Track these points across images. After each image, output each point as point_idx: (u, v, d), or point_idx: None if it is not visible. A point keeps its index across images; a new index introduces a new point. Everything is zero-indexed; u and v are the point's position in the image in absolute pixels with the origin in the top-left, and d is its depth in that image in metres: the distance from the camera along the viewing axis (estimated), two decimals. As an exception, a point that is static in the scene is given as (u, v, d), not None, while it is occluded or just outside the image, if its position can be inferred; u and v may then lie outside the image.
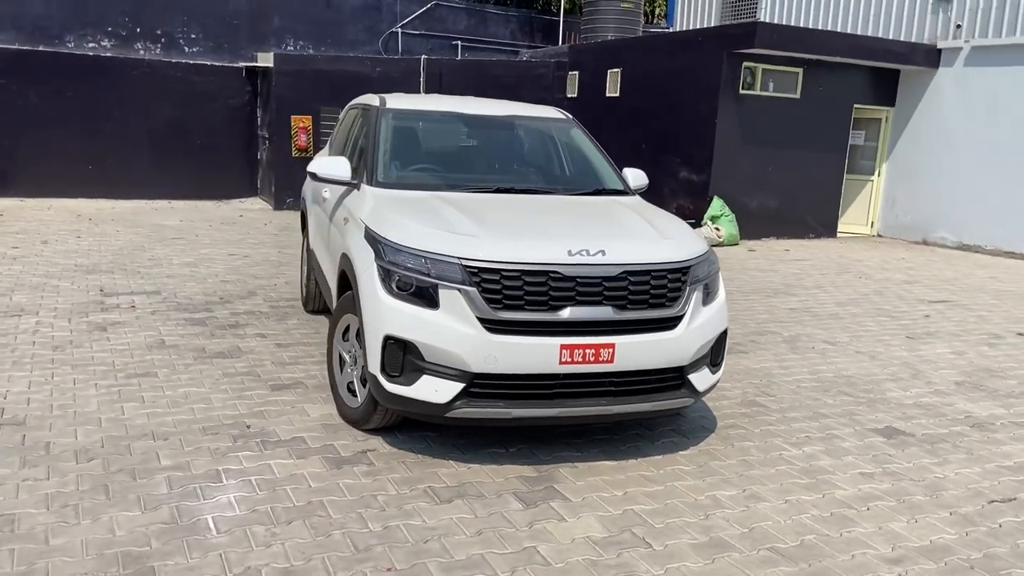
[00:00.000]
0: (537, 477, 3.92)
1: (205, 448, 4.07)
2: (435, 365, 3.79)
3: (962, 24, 13.58)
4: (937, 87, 13.95)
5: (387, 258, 3.94)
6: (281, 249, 10.21)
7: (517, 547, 3.25)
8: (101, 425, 4.31)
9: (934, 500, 3.89)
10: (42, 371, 5.12)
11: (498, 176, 5.27)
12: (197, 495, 3.57)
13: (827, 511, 3.71)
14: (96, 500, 3.48)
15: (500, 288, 3.75)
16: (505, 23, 18.20)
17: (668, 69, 13.49)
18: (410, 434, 4.34)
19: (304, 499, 3.58)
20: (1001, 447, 4.63)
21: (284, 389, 5.01)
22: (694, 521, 3.55)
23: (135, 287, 7.59)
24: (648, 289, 3.91)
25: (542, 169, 5.48)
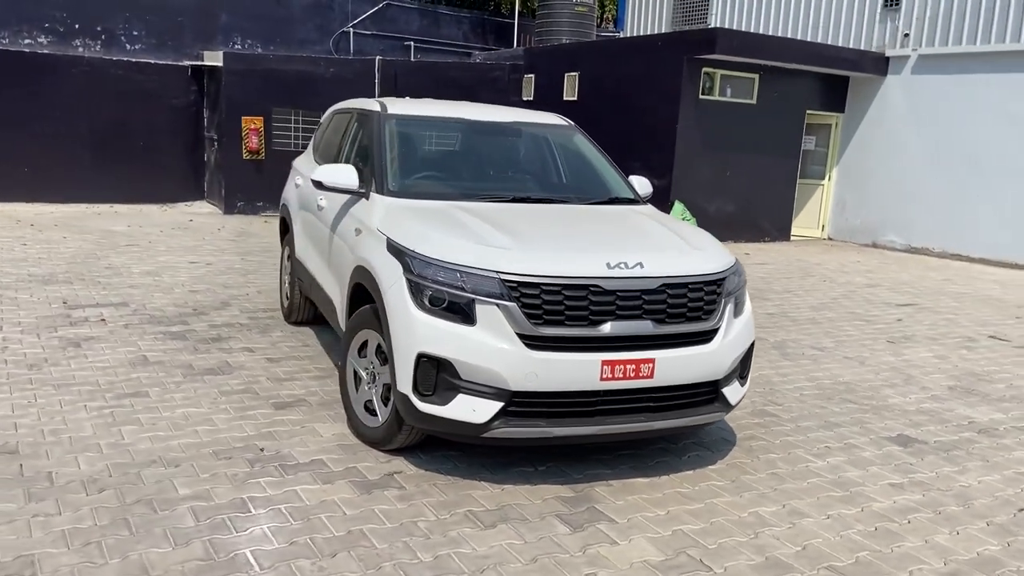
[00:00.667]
0: (575, 497, 3.81)
1: (222, 474, 3.84)
2: (472, 383, 3.64)
3: (909, 33, 13.97)
4: (885, 94, 14.32)
5: (417, 272, 3.78)
6: (244, 256, 9.87)
7: (578, 574, 3.13)
8: (102, 451, 4.03)
9: (967, 510, 3.91)
10: (22, 392, 4.78)
11: (511, 185, 5.14)
12: (228, 527, 3.35)
13: (871, 525, 3.69)
14: (119, 536, 3.24)
15: (540, 303, 3.63)
16: (457, 24, 18.03)
17: (628, 74, 13.52)
18: (433, 454, 4.18)
19: (343, 528, 3.40)
20: (1012, 453, 4.70)
21: (287, 408, 4.79)
22: (745, 540, 3.48)
23: (99, 299, 7.20)
24: (686, 302, 3.84)
25: (553, 177, 5.37)
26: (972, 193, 13.30)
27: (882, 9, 14.40)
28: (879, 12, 14.45)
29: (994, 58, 12.97)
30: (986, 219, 13.10)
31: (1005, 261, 12.91)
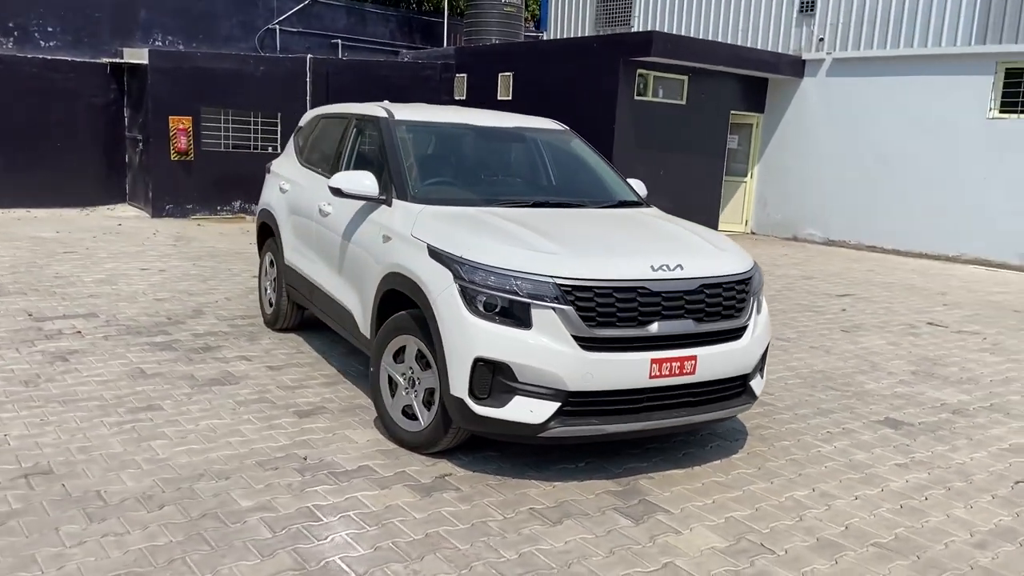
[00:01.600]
0: (624, 491, 3.98)
1: (276, 484, 3.85)
2: (529, 385, 3.77)
3: (824, 38, 14.73)
4: (802, 95, 15.06)
5: (469, 278, 3.87)
6: (195, 263, 9.63)
7: (657, 564, 3.31)
8: (142, 467, 3.97)
9: (971, 485, 4.28)
10: (30, 411, 4.62)
11: (527, 189, 5.28)
12: (306, 536, 3.38)
13: (895, 503, 4.00)
14: (201, 551, 3.22)
15: (594, 306, 3.78)
16: (384, 22, 17.92)
17: (565, 74, 13.78)
18: (474, 455, 4.28)
19: (419, 531, 3.48)
20: (989, 431, 5.14)
21: (311, 415, 4.79)
22: (792, 523, 3.73)
23: (64, 310, 6.94)
24: (721, 301, 4.07)
25: (563, 182, 5.52)
26: (883, 188, 14.16)
27: (798, 14, 15.14)
28: (795, 17, 15.18)
29: (902, 62, 13.85)
30: (895, 212, 13.98)
31: (913, 251, 13.82)
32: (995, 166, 13.01)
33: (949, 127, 13.39)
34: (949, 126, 13.39)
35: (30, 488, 3.68)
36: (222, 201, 14.45)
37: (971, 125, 13.23)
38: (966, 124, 13.27)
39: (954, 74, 13.35)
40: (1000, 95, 13.06)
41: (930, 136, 13.59)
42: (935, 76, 13.54)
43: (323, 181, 5.65)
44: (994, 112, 13.09)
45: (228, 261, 9.84)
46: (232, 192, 14.50)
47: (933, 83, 13.57)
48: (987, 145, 13.06)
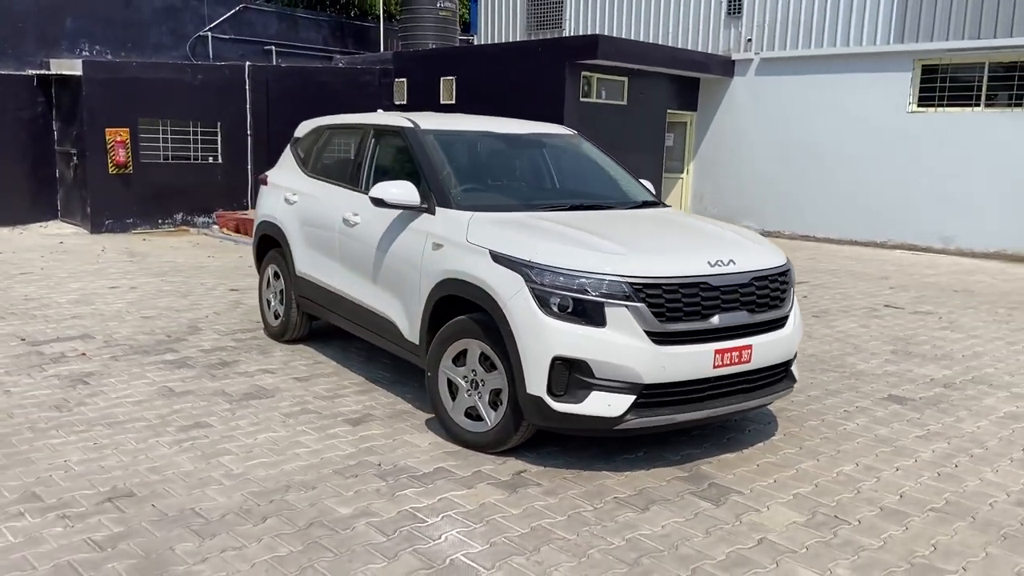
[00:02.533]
0: (691, 476, 4.23)
1: (365, 491, 3.94)
2: (606, 380, 3.97)
3: (752, 39, 15.41)
4: (733, 94, 15.71)
5: (540, 281, 4.04)
6: (162, 278, 9.44)
7: (753, 540, 3.56)
8: (223, 483, 3.99)
9: (988, 451, 4.70)
10: (78, 436, 4.55)
11: (557, 193, 5.47)
12: (420, 537, 3.50)
13: (933, 472, 4.38)
14: (326, 558, 3.31)
15: (663, 302, 4.01)
16: (317, 28, 17.76)
17: (509, 77, 14.00)
18: (537, 451, 4.45)
19: (523, 525, 3.63)
20: (982, 402, 5.62)
21: (361, 423, 4.87)
22: (852, 496, 4.05)
23: (54, 333, 6.76)
24: (768, 292, 4.36)
25: (587, 184, 5.73)
26: (813, 180, 14.92)
27: (726, 16, 15.78)
28: (723, 19, 15.82)
29: (826, 60, 14.63)
30: (825, 203, 14.76)
31: (844, 239, 14.62)
32: (915, 157, 13.89)
33: (872, 121, 14.22)
34: (872, 120, 14.22)
35: (120, 511, 3.67)
36: (163, 214, 14.09)
37: (892, 119, 14.09)
38: (888, 118, 14.12)
39: (875, 71, 14.18)
40: (918, 90, 13.95)
41: (855, 130, 14.40)
42: (858, 73, 14.36)
43: (342, 192, 5.72)
44: (913, 106, 13.97)
45: (196, 276, 9.68)
46: (173, 204, 14.17)
47: (856, 80, 14.38)
48: (907, 137, 13.93)
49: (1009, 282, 10.94)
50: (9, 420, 4.75)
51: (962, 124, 13.52)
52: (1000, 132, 13.17)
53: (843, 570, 3.32)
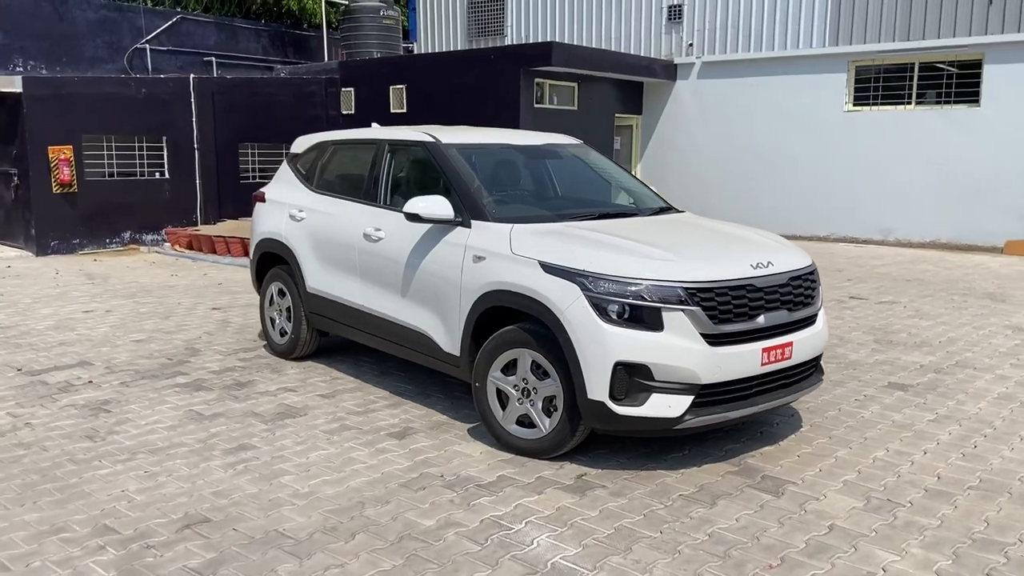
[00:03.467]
0: (741, 470, 4.43)
1: (440, 502, 4.01)
2: (665, 383, 4.13)
3: (693, 43, 15.88)
4: (677, 96, 16.16)
5: (596, 289, 4.17)
6: (133, 299, 9.23)
7: (824, 527, 3.77)
8: (295, 504, 4.00)
9: (998, 431, 5.05)
10: (124, 465, 4.48)
11: (582, 202, 5.61)
12: (513, 544, 3.59)
13: (957, 453, 4.68)
14: (432, 569, 3.38)
15: (715, 304, 4.20)
16: (256, 38, 17.49)
17: (464, 85, 14.09)
18: (588, 454, 4.59)
19: (606, 526, 3.76)
20: (974, 384, 6.00)
21: (407, 436, 4.92)
22: (895, 479, 4.31)
23: (48, 361, 6.57)
24: (803, 291, 4.60)
25: (607, 193, 5.88)
26: (757, 177, 15.47)
27: (667, 22, 16.22)
28: (664, 24, 16.25)
29: (766, 63, 15.20)
30: (770, 199, 15.33)
31: (788, 234, 15.16)
32: (853, 154, 14.55)
33: (811, 120, 14.84)
34: (811, 119, 14.84)
35: (203, 537, 3.65)
36: (110, 233, 13.69)
37: (830, 118, 14.73)
38: (826, 117, 14.76)
39: (813, 73, 14.81)
40: (853, 90, 14.63)
41: (795, 129, 14.99)
42: (796, 75, 14.96)
43: (359, 207, 5.75)
44: (849, 105, 14.64)
45: (169, 296, 9.48)
46: (120, 223, 13.78)
47: (795, 81, 14.98)
48: (845, 135, 14.59)
49: (951, 270, 11.59)
50: (45, 453, 4.63)
51: (895, 121, 14.23)
52: (930, 128, 13.92)
53: (916, 549, 3.56)
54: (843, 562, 3.44)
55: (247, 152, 15.21)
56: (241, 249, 12.66)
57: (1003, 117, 13.25)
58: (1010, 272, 11.53)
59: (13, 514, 3.87)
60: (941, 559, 3.47)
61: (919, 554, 3.51)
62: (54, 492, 4.12)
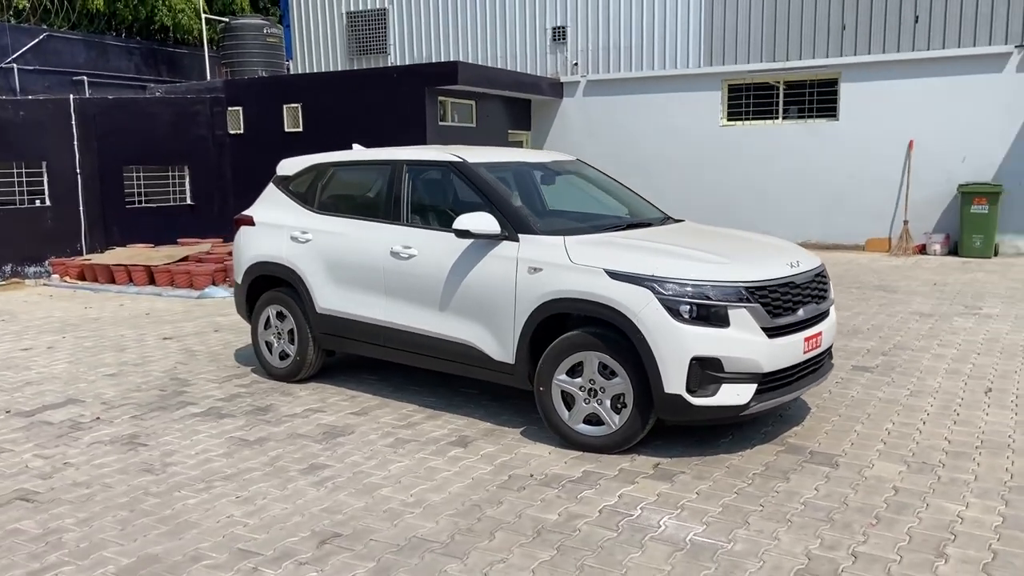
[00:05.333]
0: (788, 448, 4.96)
1: (549, 498, 4.26)
2: (734, 374, 4.60)
3: (578, 62, 16.68)
4: (564, 113, 16.91)
5: (667, 292, 4.58)
6: (66, 335, 8.75)
7: (889, 491, 4.34)
8: (415, 512, 4.14)
9: (967, 400, 5.86)
10: (209, 493, 4.43)
11: (604, 215, 5.98)
12: (644, 527, 3.92)
13: (949, 420, 5.43)
14: (586, 556, 3.65)
15: (769, 300, 4.72)
16: (128, 55, 16.71)
17: (365, 104, 14.15)
18: (648, 445, 4.97)
19: (714, 505, 4.17)
20: (921, 364, 6.87)
21: (468, 444, 5.12)
22: (917, 446, 4.98)
23: (30, 402, 6.26)
24: (822, 286, 5.21)
25: (619, 206, 6.27)
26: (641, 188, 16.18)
27: (552, 42, 16.94)
28: (549, 45, 16.97)
29: (646, 81, 16.21)
30: (662, 210, 16.29)
31: (680, 241, 16.24)
32: (729, 164, 15.79)
33: (691, 134, 15.96)
34: (690, 134, 15.96)
35: (349, 549, 3.75)
36: (-10, 266, 12.72)
37: (707, 132, 15.91)
38: (703, 131, 15.92)
39: (690, 90, 15.94)
40: (727, 107, 15.87)
41: (676, 143, 16.07)
42: (675, 93, 16.05)
43: (379, 227, 5.89)
44: (723, 120, 15.88)
45: (103, 328, 9.05)
46: (1, 255, 12.84)
47: (674, 98, 16.07)
48: (721, 148, 15.81)
49: (832, 267, 12.85)
50: (112, 490, 4.50)
51: (765, 134, 15.58)
52: (794, 140, 15.35)
53: (973, 499, 4.19)
54: (925, 515, 4.01)
55: (132, 175, 14.53)
56: (146, 277, 12.15)
57: (858, 129, 14.83)
58: (880, 266, 12.95)
59: (134, 549, 3.79)
60: (997, 504, 4.11)
61: (978, 503, 4.14)
62: (158, 525, 4.04)
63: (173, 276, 11.91)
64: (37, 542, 3.89)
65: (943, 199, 14.56)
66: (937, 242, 14.50)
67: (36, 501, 4.36)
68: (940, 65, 14.28)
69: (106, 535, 3.95)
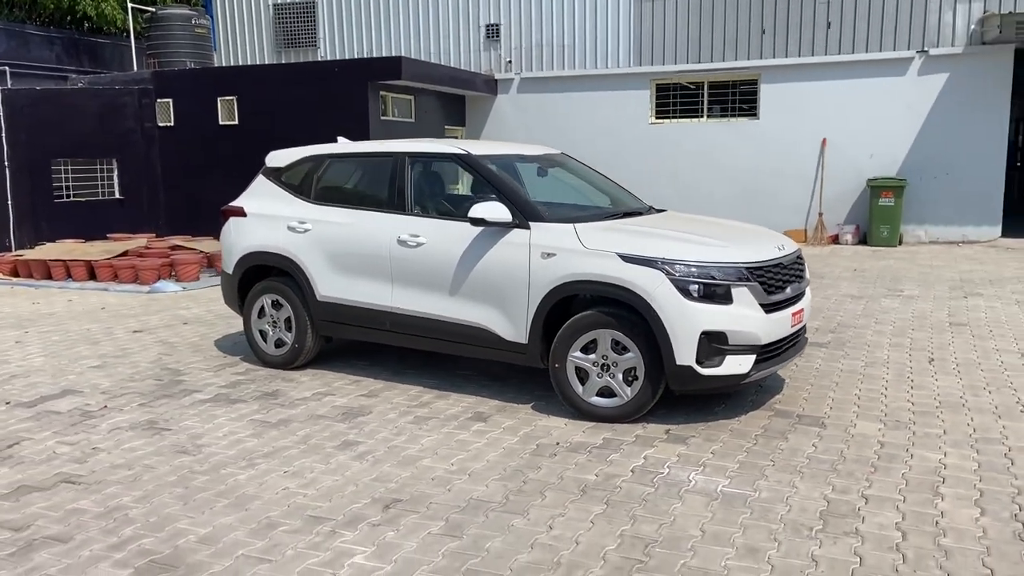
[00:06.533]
0: (778, 413, 5.48)
1: (581, 462, 4.64)
2: (737, 346, 5.09)
3: (512, 60, 17.09)
4: (498, 109, 17.30)
5: (679, 274, 5.04)
6: (24, 329, 8.60)
7: (877, 444, 4.91)
8: (462, 478, 4.45)
9: (916, 368, 6.55)
10: (255, 470, 4.62)
11: (598, 205, 6.39)
12: (677, 482, 4.34)
13: (906, 385, 6.08)
14: (636, 508, 4.04)
15: (765, 279, 5.23)
16: (49, 45, 16.15)
17: (305, 98, 14.17)
18: (654, 416, 5.41)
19: (731, 462, 4.63)
20: (865, 339, 7.57)
21: (487, 419, 5.43)
22: (887, 407, 5.58)
23: (24, 394, 6.23)
24: (801, 267, 5.77)
25: (608, 196, 6.68)
26: (580, 185, 16.95)
27: (485, 39, 17.28)
28: (483, 42, 17.31)
29: (579, 80, 16.76)
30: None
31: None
32: (658, 160, 16.49)
33: (621, 132, 16.59)
34: (621, 131, 16.59)
35: (414, 512, 4.03)
36: (-87, 262, 12.19)
37: (637, 129, 16.58)
38: (633, 129, 16.58)
39: (620, 89, 16.58)
40: (655, 105, 16.57)
41: (608, 139, 16.67)
42: (606, 91, 16.65)
43: (383, 216, 6.13)
44: (652, 118, 16.57)
45: (62, 324, 8.92)
46: (-75, 250, 12.33)
47: (605, 97, 16.67)
48: (650, 144, 16.50)
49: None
50: (156, 471, 4.63)
51: (691, 132, 16.35)
52: (718, 137, 16.18)
53: (949, 448, 4.79)
54: (913, 464, 4.59)
55: (60, 169, 14.13)
56: (86, 272, 11.91)
57: (776, 128, 15.76)
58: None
59: (205, 520, 3.98)
60: (971, 453, 4.73)
61: (954, 452, 4.75)
62: (218, 499, 4.22)
63: (116, 271, 11.70)
64: (104, 519, 4.01)
65: (853, 193, 15.62)
66: (849, 232, 15.55)
67: (82, 483, 4.45)
68: (850, 68, 15.31)
69: (171, 510, 4.10)
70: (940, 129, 14.85)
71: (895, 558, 3.51)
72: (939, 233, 15.21)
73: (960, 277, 11.12)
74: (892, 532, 3.75)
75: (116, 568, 3.52)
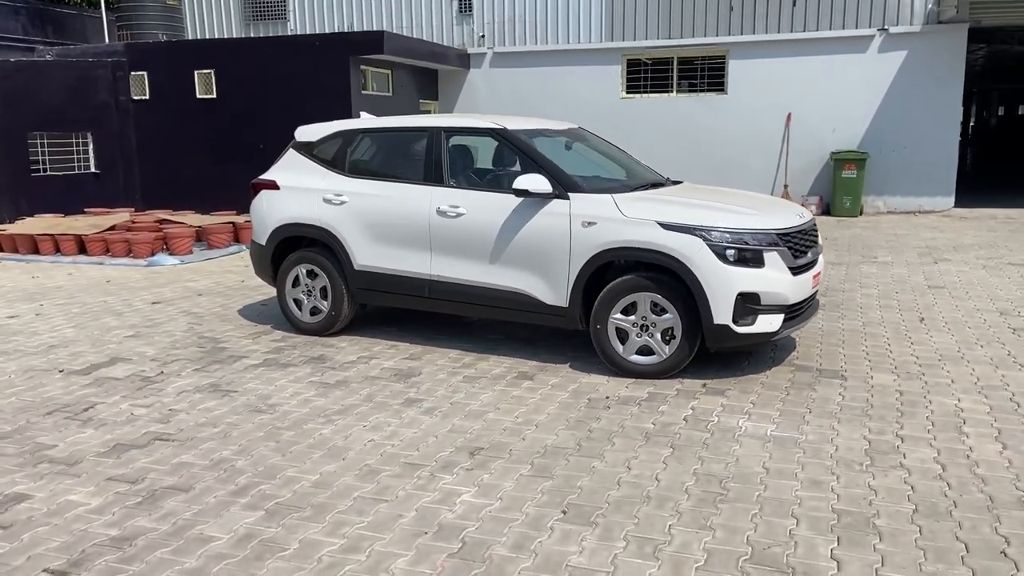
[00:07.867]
0: (800, 368, 5.98)
1: (635, 412, 5.05)
2: (768, 306, 5.55)
3: (484, 35, 17.30)
4: (471, 84, 17.51)
5: (716, 240, 5.47)
6: (38, 302, 8.67)
7: (897, 393, 5.43)
8: (532, 429, 4.82)
9: (910, 326, 7.11)
10: (334, 425, 4.93)
11: (626, 176, 6.76)
12: (729, 428, 4.79)
13: (907, 342, 6.64)
14: (699, 451, 4.48)
15: (792, 244, 5.70)
16: (14, 15, 15.81)
17: (285, 72, 14.22)
18: (688, 373, 5.86)
19: (772, 410, 5.09)
20: (854, 301, 8.15)
21: (533, 378, 5.80)
22: (896, 360, 6.13)
23: (74, 362, 6.38)
24: (816, 234, 6.26)
25: (627, 168, 7.06)
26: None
27: (458, 14, 17.44)
28: (455, 16, 17.47)
29: (551, 55, 17.07)
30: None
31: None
32: (630, 134, 16.87)
33: (593, 106, 16.96)
34: (593, 105, 16.96)
35: (499, 457, 4.39)
36: None
37: (608, 104, 16.97)
38: (605, 103, 16.97)
39: (592, 64, 16.94)
40: (626, 80, 16.99)
41: (580, 114, 16.91)
42: (578, 66, 16.99)
43: (422, 188, 6.42)
44: (623, 93, 16.99)
45: (77, 296, 9.00)
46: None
47: (577, 72, 17.01)
48: (622, 118, 16.92)
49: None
50: (240, 428, 4.90)
51: (661, 106, 16.82)
52: (687, 112, 16.69)
53: (961, 395, 5.34)
54: (934, 407, 5.12)
55: (36, 143, 13.96)
56: (75, 247, 11.89)
57: (744, 102, 16.32)
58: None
59: (310, 468, 4.29)
60: (981, 398, 5.28)
61: (966, 398, 5.29)
62: (312, 451, 4.53)
63: (109, 245, 11.71)
64: (214, 470, 4.29)
65: (816, 165, 16.30)
66: (813, 203, 16.23)
67: (176, 440, 4.71)
68: (814, 45, 15.92)
69: (273, 461, 4.40)
70: (898, 104, 15.58)
71: (941, 485, 4.01)
72: (897, 203, 15.99)
73: (925, 244, 11.84)
74: (933, 465, 4.25)
75: (247, 511, 3.82)
